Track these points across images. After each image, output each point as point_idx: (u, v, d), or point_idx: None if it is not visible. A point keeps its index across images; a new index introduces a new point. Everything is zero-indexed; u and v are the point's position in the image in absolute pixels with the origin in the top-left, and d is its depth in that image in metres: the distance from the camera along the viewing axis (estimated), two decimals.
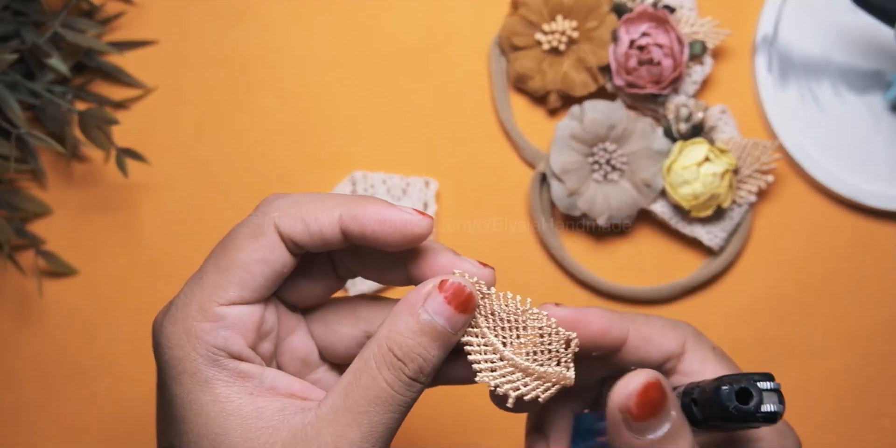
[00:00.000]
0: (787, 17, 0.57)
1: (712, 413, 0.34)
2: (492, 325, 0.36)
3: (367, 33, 0.58)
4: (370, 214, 0.37)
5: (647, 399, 0.34)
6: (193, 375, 0.36)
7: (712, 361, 0.38)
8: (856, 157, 0.57)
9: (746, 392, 0.33)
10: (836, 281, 0.58)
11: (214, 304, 0.37)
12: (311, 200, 0.38)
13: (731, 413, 0.33)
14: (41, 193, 0.58)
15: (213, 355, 0.37)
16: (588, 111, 0.55)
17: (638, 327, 0.38)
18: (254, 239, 0.37)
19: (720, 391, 0.33)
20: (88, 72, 0.58)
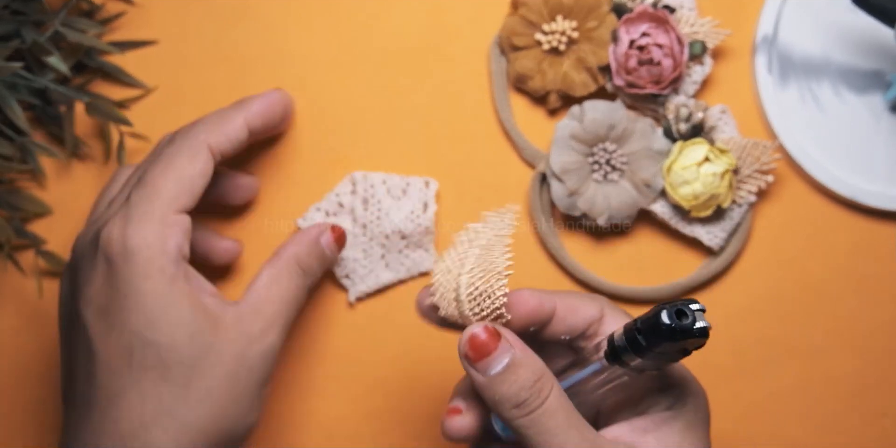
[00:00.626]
0: (787, 18, 0.58)
1: (655, 336, 0.40)
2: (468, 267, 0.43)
3: (367, 33, 0.58)
4: (259, 106, 0.52)
5: (475, 344, 0.42)
6: (162, 272, 0.45)
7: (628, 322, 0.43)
8: (856, 158, 0.57)
9: (682, 312, 0.40)
10: (836, 281, 0.58)
11: (172, 212, 0.47)
12: (220, 118, 0.50)
13: (673, 330, 0.39)
14: (41, 193, 0.58)
15: (175, 256, 0.46)
16: (588, 111, 0.55)
17: (563, 299, 0.45)
18: (193, 157, 0.48)
19: (660, 314, 0.39)
20: (89, 71, 0.58)
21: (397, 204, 0.56)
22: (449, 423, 0.45)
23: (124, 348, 0.45)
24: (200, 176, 0.48)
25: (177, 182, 0.47)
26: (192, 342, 0.45)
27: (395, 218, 0.55)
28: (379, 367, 0.57)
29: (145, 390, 0.44)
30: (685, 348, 0.41)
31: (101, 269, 0.46)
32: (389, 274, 0.56)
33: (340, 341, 0.57)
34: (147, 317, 0.45)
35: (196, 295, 0.46)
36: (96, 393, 0.45)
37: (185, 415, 0.45)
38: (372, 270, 0.56)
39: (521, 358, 0.42)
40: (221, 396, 0.45)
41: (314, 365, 0.57)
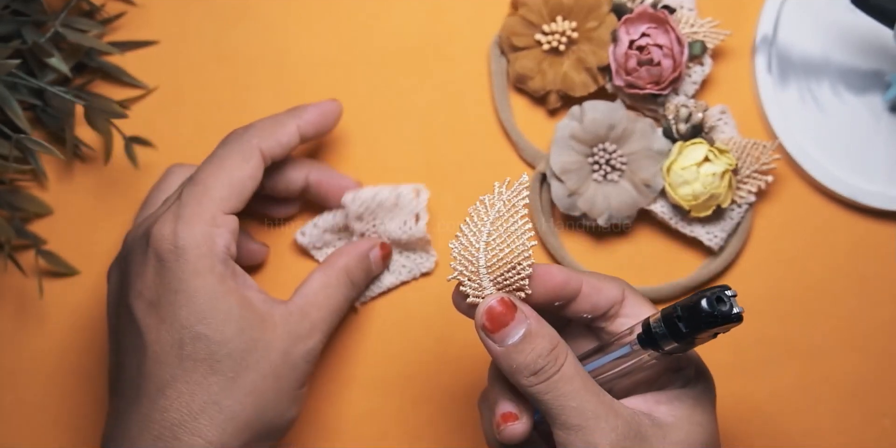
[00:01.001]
0: (786, 18, 0.58)
1: (696, 322, 0.41)
2: (485, 237, 0.44)
3: (367, 33, 0.58)
4: (313, 115, 0.53)
5: (493, 315, 0.43)
6: (212, 270, 0.47)
7: (647, 305, 0.46)
8: (855, 158, 0.57)
9: (720, 299, 0.41)
10: (835, 281, 0.58)
11: (221, 212, 0.48)
12: (274, 124, 0.51)
13: (714, 316, 0.41)
14: (42, 193, 0.58)
15: (223, 255, 0.48)
16: (588, 111, 0.55)
17: (588, 278, 0.46)
18: (245, 161, 0.49)
19: (701, 302, 0.41)
20: (89, 72, 0.58)
21: (390, 214, 0.56)
22: (510, 430, 0.45)
23: (175, 341, 0.46)
24: (250, 178, 0.49)
25: (227, 183, 0.49)
26: (241, 336, 0.47)
27: (389, 228, 0.56)
28: (380, 368, 0.57)
29: (194, 381, 0.46)
30: (717, 332, 0.42)
31: (152, 265, 0.47)
32: (391, 277, 0.57)
33: (345, 343, 0.57)
34: (198, 312, 0.46)
35: (244, 292, 0.48)
36: (145, 383, 0.46)
37: (232, 406, 0.46)
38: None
39: (536, 328, 0.43)
40: (267, 390, 0.47)
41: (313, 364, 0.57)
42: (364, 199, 0.55)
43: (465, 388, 0.57)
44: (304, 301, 0.50)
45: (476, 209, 0.45)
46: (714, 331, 0.42)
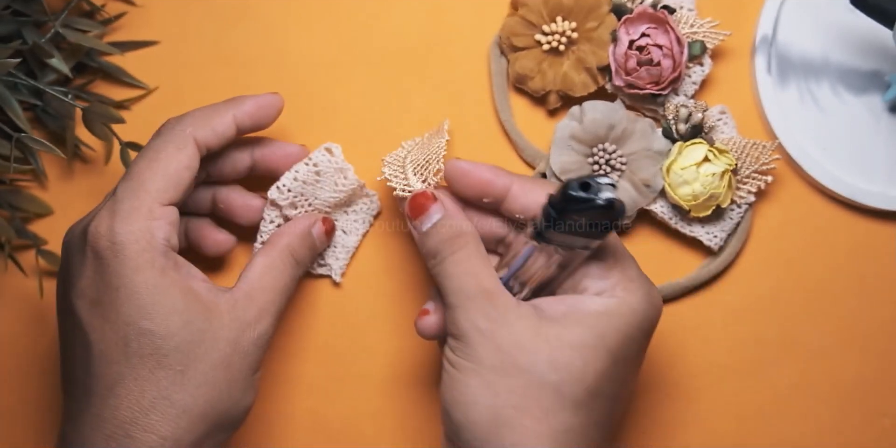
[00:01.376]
0: (786, 18, 0.58)
1: (562, 207, 0.43)
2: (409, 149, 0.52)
3: (366, 34, 0.58)
4: (251, 106, 0.51)
5: (414, 203, 0.49)
6: (152, 264, 0.46)
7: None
8: (855, 158, 0.57)
9: (587, 184, 0.43)
10: (835, 281, 0.58)
11: (159, 205, 0.47)
12: (210, 112, 0.50)
13: (576, 199, 0.42)
14: (42, 194, 0.58)
15: (164, 248, 0.47)
16: (588, 111, 0.55)
17: (520, 181, 0.49)
18: (179, 151, 0.48)
19: (567, 185, 0.43)
20: (89, 72, 0.58)
21: (318, 186, 0.55)
22: (420, 322, 0.50)
23: (120, 338, 0.45)
24: (186, 168, 0.48)
25: (163, 175, 0.48)
26: (186, 329, 0.46)
27: (323, 197, 0.55)
28: (376, 366, 0.57)
29: (142, 377, 0.45)
30: (597, 223, 0.43)
31: (91, 264, 0.47)
32: (353, 237, 0.57)
33: (337, 340, 0.57)
34: (140, 307, 0.45)
35: (188, 283, 0.47)
36: (95, 382, 0.46)
37: (183, 399, 0.46)
38: (336, 244, 0.56)
39: (448, 217, 0.48)
40: (217, 381, 0.46)
41: (314, 363, 0.57)
42: (286, 184, 0.55)
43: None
44: (248, 286, 0.49)
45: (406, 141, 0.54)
46: (584, 218, 0.43)
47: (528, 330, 0.45)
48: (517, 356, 0.45)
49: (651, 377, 0.57)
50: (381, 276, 0.57)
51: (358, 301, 0.57)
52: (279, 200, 0.54)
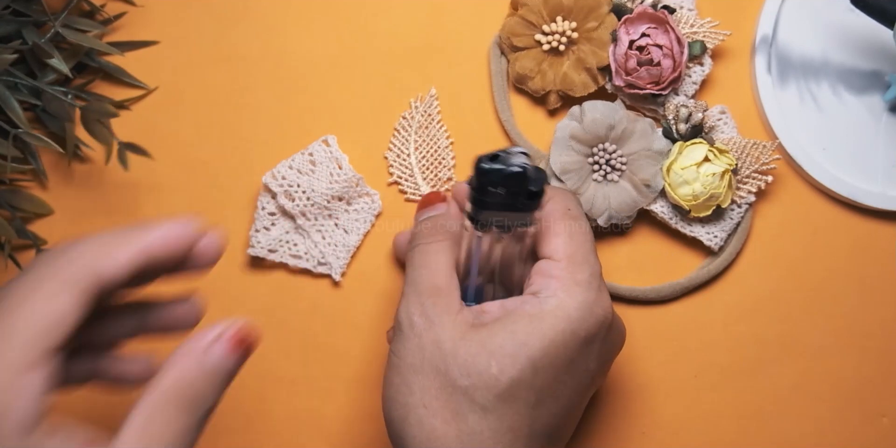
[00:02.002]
0: (785, 18, 0.58)
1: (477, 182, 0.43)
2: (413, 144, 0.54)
3: (367, 33, 0.58)
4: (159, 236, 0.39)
5: (424, 199, 0.51)
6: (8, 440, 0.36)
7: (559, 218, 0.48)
8: (855, 158, 0.58)
9: (497, 156, 0.43)
10: (835, 281, 0.58)
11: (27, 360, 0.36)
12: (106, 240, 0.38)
13: (487, 171, 0.43)
14: (42, 194, 0.58)
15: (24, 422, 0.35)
16: (588, 111, 0.55)
17: None
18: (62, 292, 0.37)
19: (478, 159, 0.43)
20: (89, 72, 0.58)
21: (313, 176, 0.56)
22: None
23: None
24: (70, 314, 0.37)
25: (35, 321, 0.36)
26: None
27: (319, 188, 0.56)
28: (376, 366, 0.57)
29: None
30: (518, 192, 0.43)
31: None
32: (354, 236, 0.57)
33: (337, 340, 0.57)
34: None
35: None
36: None
37: None
38: (337, 243, 0.57)
39: (441, 217, 0.49)
40: None
41: (314, 363, 0.57)
42: (280, 172, 0.55)
43: None
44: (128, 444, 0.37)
45: (400, 124, 0.56)
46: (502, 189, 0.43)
47: (455, 333, 0.45)
48: (435, 357, 0.44)
49: (651, 377, 0.58)
50: (381, 276, 0.57)
51: (358, 301, 0.57)
52: (272, 186, 0.55)
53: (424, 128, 0.57)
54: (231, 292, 0.57)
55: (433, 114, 0.57)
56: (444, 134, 0.57)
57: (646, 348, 0.58)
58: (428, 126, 0.57)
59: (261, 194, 0.57)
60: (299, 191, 0.56)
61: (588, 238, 0.48)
